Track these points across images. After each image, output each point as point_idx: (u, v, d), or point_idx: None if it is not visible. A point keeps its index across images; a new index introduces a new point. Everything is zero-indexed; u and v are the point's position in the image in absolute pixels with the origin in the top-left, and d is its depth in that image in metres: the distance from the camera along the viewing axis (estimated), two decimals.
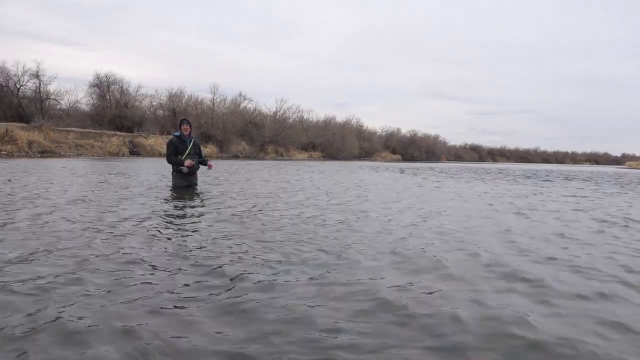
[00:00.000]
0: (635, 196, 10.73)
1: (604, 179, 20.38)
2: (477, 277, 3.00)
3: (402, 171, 22.42)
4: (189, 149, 7.64)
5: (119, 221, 4.59)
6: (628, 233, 5.11)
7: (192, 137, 7.79)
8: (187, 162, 7.56)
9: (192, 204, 6.17)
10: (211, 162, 8.21)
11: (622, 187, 14.53)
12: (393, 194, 8.94)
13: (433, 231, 4.70)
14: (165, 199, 6.61)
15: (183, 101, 46.70)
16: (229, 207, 5.95)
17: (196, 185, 8.12)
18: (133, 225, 4.37)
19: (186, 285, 2.63)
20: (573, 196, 10.05)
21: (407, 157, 75.37)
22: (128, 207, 5.63)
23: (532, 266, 3.36)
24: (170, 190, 7.70)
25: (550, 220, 5.85)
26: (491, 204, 7.60)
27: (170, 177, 8.09)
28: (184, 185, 7.82)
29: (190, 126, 7.80)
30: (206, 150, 37.47)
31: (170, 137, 8.04)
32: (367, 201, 7.43)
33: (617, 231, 5.21)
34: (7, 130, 25.05)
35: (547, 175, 22.39)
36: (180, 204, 6.17)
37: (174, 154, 7.59)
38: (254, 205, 6.20)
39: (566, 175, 23.33)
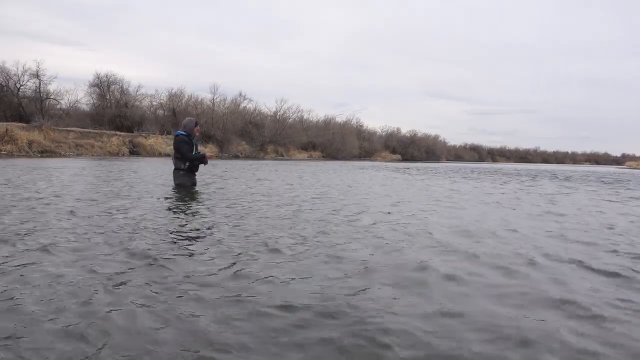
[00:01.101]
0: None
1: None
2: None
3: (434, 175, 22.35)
4: (194, 149, 7.78)
5: (125, 220, 4.59)
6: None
7: (196, 138, 7.93)
8: (209, 154, 7.91)
9: (201, 201, 6.17)
10: None
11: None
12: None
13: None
14: (170, 198, 6.60)
15: (183, 101, 46.71)
16: (232, 204, 5.95)
17: (196, 184, 8.15)
18: (139, 224, 4.37)
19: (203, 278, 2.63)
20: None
21: (407, 157, 75.38)
22: (134, 206, 5.62)
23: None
24: (175, 190, 7.69)
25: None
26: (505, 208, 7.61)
27: (172, 176, 8.09)
28: (188, 185, 7.86)
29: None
30: (206, 150, 37.42)
31: (172, 136, 8.03)
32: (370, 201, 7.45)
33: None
34: (7, 130, 25.04)
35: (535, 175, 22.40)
36: (187, 202, 6.17)
37: (190, 151, 7.66)
38: (255, 202, 6.20)
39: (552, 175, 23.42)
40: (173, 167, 7.96)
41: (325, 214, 5.63)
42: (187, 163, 7.71)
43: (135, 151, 33.35)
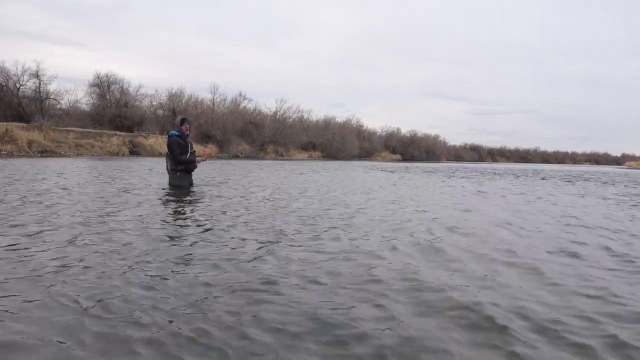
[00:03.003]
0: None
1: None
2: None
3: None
4: (189, 148, 7.76)
5: (121, 220, 4.64)
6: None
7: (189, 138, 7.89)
8: (199, 158, 7.86)
9: (196, 202, 6.22)
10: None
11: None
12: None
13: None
14: (166, 199, 6.65)
15: (183, 101, 46.74)
16: (229, 203, 6.00)
17: (193, 184, 8.18)
18: (134, 225, 4.42)
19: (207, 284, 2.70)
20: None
21: (407, 157, 75.40)
22: (131, 207, 5.68)
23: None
24: (170, 189, 7.72)
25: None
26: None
27: (168, 176, 8.10)
28: (186, 185, 7.89)
29: (191, 126, 7.88)
30: (207, 149, 37.41)
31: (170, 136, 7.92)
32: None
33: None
34: (7, 130, 25.09)
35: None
36: (183, 202, 6.22)
37: (182, 153, 7.63)
38: (252, 200, 6.25)
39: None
40: (169, 167, 7.91)
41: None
42: (181, 164, 7.73)
43: (135, 151, 33.39)
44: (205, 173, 12.62)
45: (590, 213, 6.98)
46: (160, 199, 6.62)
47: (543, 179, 19.08)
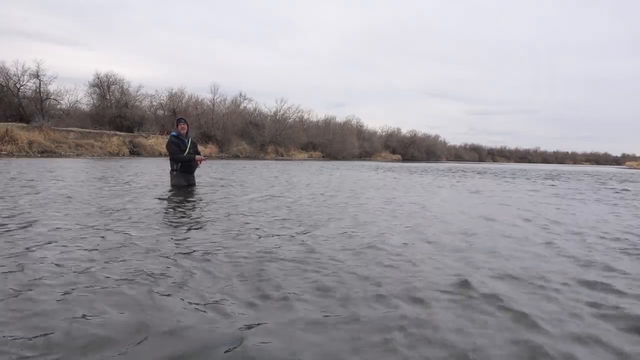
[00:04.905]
0: None
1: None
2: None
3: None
4: (188, 147, 7.72)
5: (119, 221, 4.64)
6: None
7: (189, 136, 7.88)
8: (199, 157, 7.81)
9: (194, 202, 6.22)
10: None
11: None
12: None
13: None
14: (165, 199, 6.65)
15: (183, 101, 46.85)
16: (228, 204, 6.00)
17: (195, 185, 8.17)
18: (132, 226, 4.42)
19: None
20: None
21: (407, 157, 75.53)
22: (129, 207, 5.68)
23: None
24: (170, 190, 7.72)
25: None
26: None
27: (169, 177, 8.10)
28: (184, 185, 7.87)
29: (187, 125, 7.87)
30: (207, 150, 37.51)
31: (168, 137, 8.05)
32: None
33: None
34: (7, 130, 25.10)
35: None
36: (181, 202, 6.22)
37: (178, 152, 7.65)
38: (251, 202, 6.25)
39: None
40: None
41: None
42: (178, 163, 7.76)
43: (135, 151, 33.39)
44: (210, 174, 12.61)
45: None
46: (140, 196, 6.61)
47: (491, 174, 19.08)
